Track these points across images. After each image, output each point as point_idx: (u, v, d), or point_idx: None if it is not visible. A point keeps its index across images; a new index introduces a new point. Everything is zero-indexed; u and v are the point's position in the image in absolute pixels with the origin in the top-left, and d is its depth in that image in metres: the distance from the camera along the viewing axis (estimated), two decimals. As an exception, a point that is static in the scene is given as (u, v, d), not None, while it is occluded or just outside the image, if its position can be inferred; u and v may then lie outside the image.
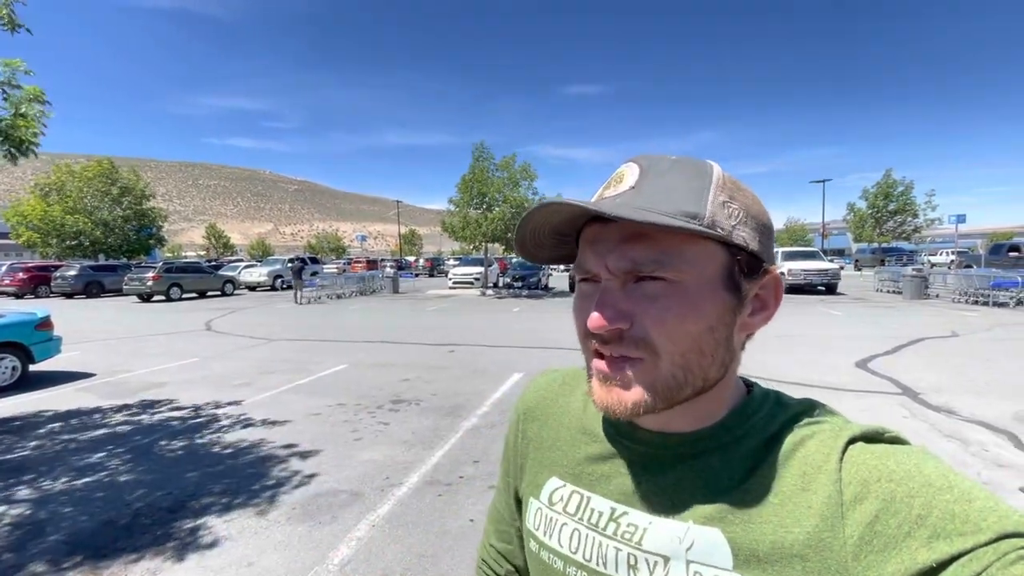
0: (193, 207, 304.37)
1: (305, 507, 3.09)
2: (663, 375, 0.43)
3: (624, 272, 0.43)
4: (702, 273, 0.43)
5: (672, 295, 0.42)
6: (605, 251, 0.44)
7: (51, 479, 3.54)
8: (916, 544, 0.35)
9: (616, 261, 0.43)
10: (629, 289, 0.43)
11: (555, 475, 0.55)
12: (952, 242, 39.66)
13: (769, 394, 0.50)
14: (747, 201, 0.45)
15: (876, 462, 0.40)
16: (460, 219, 19.67)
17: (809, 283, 16.76)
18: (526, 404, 0.65)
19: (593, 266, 0.45)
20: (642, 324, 0.42)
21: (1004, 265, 16.56)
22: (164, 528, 2.87)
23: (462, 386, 5.91)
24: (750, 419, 0.47)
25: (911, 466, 0.39)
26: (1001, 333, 8.81)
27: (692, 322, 0.42)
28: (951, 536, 0.34)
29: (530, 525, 0.56)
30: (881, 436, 0.43)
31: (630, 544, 0.46)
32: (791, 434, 0.44)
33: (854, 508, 0.38)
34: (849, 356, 7.03)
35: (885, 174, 32.54)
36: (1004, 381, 5.59)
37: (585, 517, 0.50)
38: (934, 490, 0.37)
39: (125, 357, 8.02)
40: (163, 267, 19.80)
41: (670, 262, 0.42)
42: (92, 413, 5.09)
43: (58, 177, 28.01)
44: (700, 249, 0.43)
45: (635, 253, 0.42)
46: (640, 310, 0.43)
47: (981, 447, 3.79)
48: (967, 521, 0.35)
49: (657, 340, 0.42)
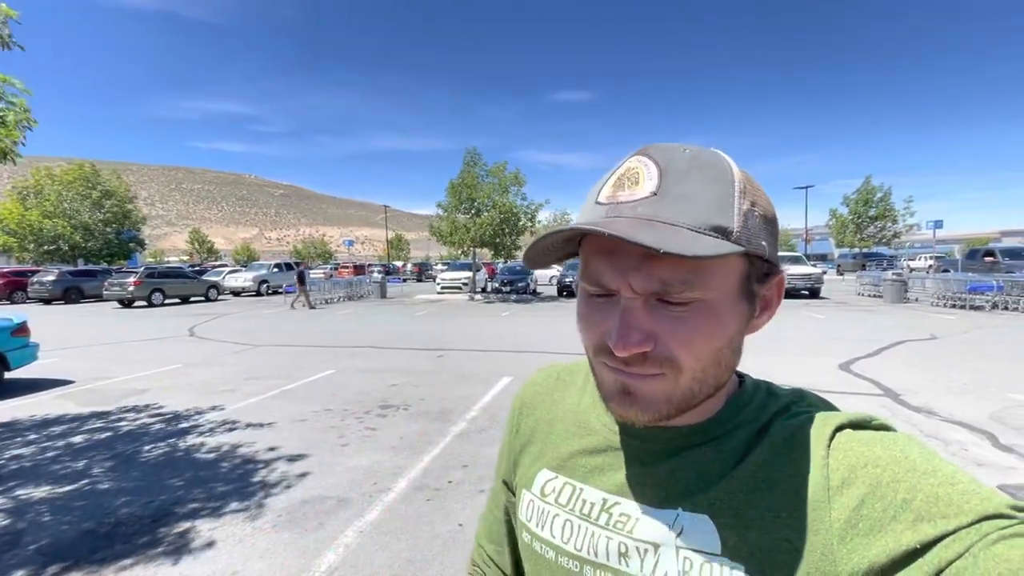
0: (176, 211, 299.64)
1: (291, 514, 3.05)
2: (682, 389, 0.42)
3: (651, 293, 0.41)
4: (724, 286, 0.41)
5: (699, 315, 0.41)
6: (627, 267, 0.40)
7: (29, 488, 3.44)
8: (901, 527, 0.36)
9: (643, 282, 0.40)
10: (652, 306, 0.41)
11: (547, 467, 0.56)
12: (930, 247, 40.57)
13: (760, 385, 0.51)
14: (763, 203, 0.43)
15: (863, 448, 0.41)
16: (449, 224, 19.65)
17: (793, 287, 17.03)
18: (522, 399, 0.65)
19: (612, 283, 0.42)
20: (667, 344, 0.41)
21: (980, 270, 16.97)
22: (146, 537, 2.80)
23: (451, 391, 5.88)
24: (742, 411, 0.47)
25: (897, 452, 0.40)
26: (978, 336, 9.03)
27: (718, 339, 0.42)
28: (935, 518, 0.35)
29: (523, 517, 0.56)
30: (868, 423, 0.43)
31: (621, 533, 0.47)
32: (781, 423, 0.45)
33: (841, 493, 0.39)
34: (833, 358, 7.16)
35: (865, 180, 33.23)
36: (981, 382, 5.72)
37: (577, 508, 0.51)
38: (919, 474, 0.37)
39: (105, 364, 7.84)
40: (145, 272, 19.43)
41: (699, 281, 0.40)
42: (71, 420, 4.97)
43: (37, 180, 27.42)
44: (725, 263, 0.41)
45: (663, 273, 0.39)
46: (665, 331, 0.41)
47: (961, 446, 3.87)
48: (950, 504, 0.35)
49: (683, 359, 0.41)
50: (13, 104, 4.12)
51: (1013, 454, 3.71)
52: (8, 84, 4.06)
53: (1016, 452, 3.74)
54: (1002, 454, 3.72)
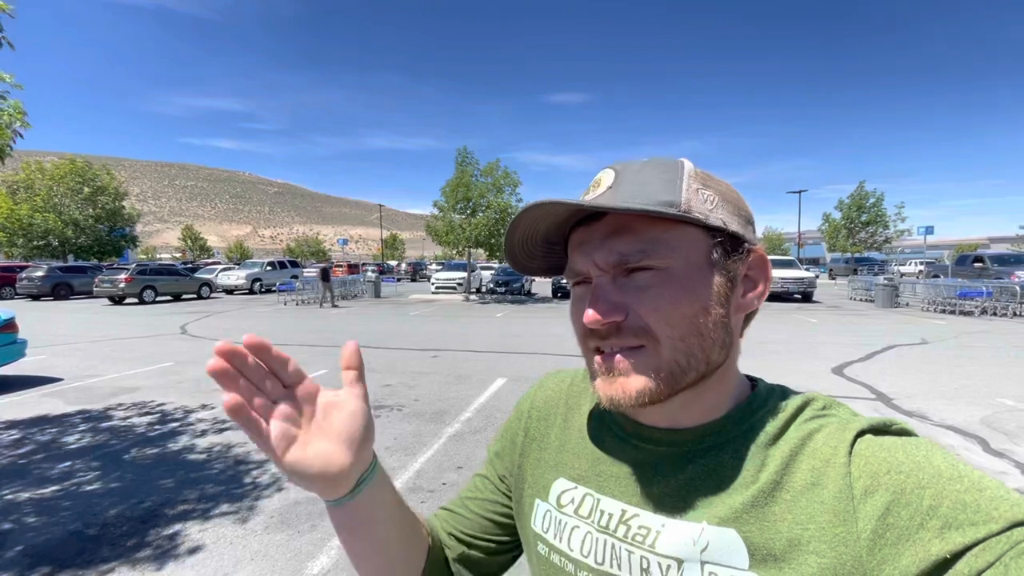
0: (169, 208, 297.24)
1: (283, 515, 3.02)
2: (665, 360, 0.43)
3: (612, 266, 0.45)
4: (688, 258, 0.44)
5: (663, 282, 0.44)
6: (591, 249, 0.46)
7: (14, 488, 3.38)
8: (929, 535, 0.35)
9: (604, 256, 0.45)
10: (620, 282, 0.45)
11: (563, 476, 0.55)
12: (921, 253, 41.01)
13: (775, 388, 0.50)
14: (721, 188, 0.47)
15: (885, 454, 0.40)
16: (444, 224, 19.64)
17: (786, 291, 17.13)
18: (533, 403, 0.64)
19: (582, 266, 0.47)
20: (638, 313, 0.44)
21: (969, 276, 17.15)
22: (135, 538, 2.76)
23: (445, 392, 5.85)
24: (756, 412, 0.47)
25: (920, 457, 0.39)
26: (968, 341, 9.11)
27: (687, 304, 0.43)
28: (963, 526, 0.34)
29: (538, 528, 0.55)
30: (889, 428, 0.43)
31: (643, 547, 0.46)
32: (799, 428, 0.45)
33: (865, 501, 0.38)
34: (825, 362, 7.20)
35: (858, 186, 33.53)
36: (972, 387, 5.77)
37: (596, 519, 0.50)
38: (944, 480, 0.37)
39: (95, 361, 7.75)
40: (136, 269, 19.25)
41: (655, 250, 0.43)
42: (59, 419, 4.90)
43: (27, 175, 27.09)
44: (681, 234, 0.44)
45: (620, 246, 0.44)
46: (634, 300, 0.44)
47: (952, 451, 3.89)
48: (979, 510, 0.34)
49: (655, 326, 0.43)
50: (4, 99, 4.06)
51: (1004, 459, 3.74)
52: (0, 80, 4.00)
53: (1008, 457, 3.77)
54: (993, 459, 3.75)
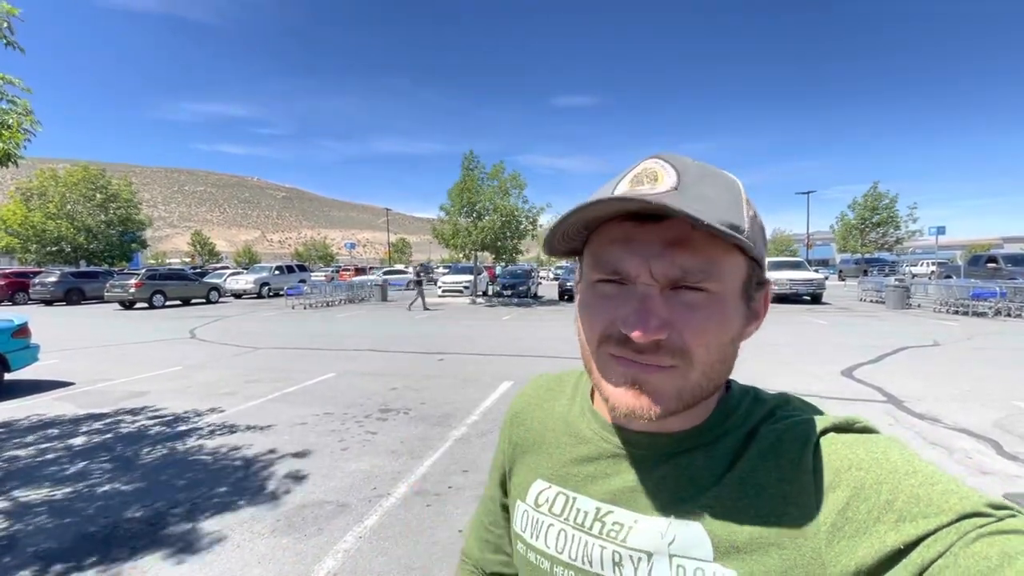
0: (179, 214, 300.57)
1: (290, 519, 3.03)
2: (692, 383, 0.43)
3: (670, 279, 0.42)
4: (733, 284, 0.44)
5: (712, 306, 0.42)
6: (649, 254, 0.42)
7: (28, 490, 3.43)
8: (884, 528, 0.37)
9: (665, 268, 0.41)
10: (667, 296, 0.42)
11: (540, 477, 0.57)
12: (932, 253, 40.49)
13: (748, 391, 0.51)
14: (759, 215, 0.47)
15: (846, 451, 0.42)
16: (451, 227, 19.71)
17: (795, 292, 16.98)
18: (514, 409, 0.66)
19: (632, 268, 0.42)
20: (681, 334, 0.42)
21: (982, 276, 16.93)
22: (145, 540, 2.79)
23: (451, 395, 5.86)
24: (730, 417, 0.48)
25: (879, 454, 0.41)
26: (981, 342, 8.98)
27: (725, 332, 0.44)
28: (916, 518, 0.36)
29: (517, 528, 0.57)
30: (852, 426, 0.44)
31: (615, 542, 0.47)
32: (768, 428, 0.46)
33: (826, 496, 0.40)
34: (834, 365, 7.12)
35: (872, 186, 33.16)
36: (985, 389, 5.69)
37: (571, 517, 0.51)
38: (900, 476, 0.38)
39: (106, 365, 7.84)
40: (146, 274, 19.44)
41: (714, 272, 0.42)
42: (71, 422, 4.96)
43: (41, 182, 27.52)
44: (733, 261, 0.43)
45: (684, 260, 0.41)
46: (680, 319, 0.42)
47: (965, 454, 3.84)
48: (931, 504, 0.36)
49: (695, 350, 0.42)
50: (15, 104, 4.12)
51: (1018, 462, 3.68)
52: (8, 83, 4.06)
53: (1021, 460, 3.71)
54: (1007, 462, 3.69)
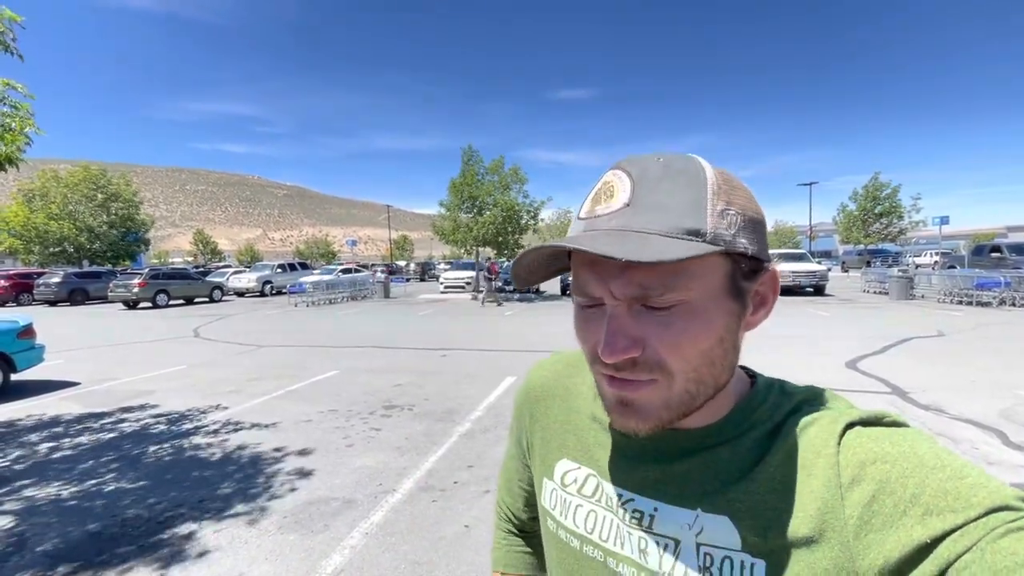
0: (180, 213, 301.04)
1: (296, 515, 3.04)
2: (676, 392, 0.43)
3: (630, 298, 0.42)
4: (708, 286, 0.42)
5: (684, 317, 0.41)
6: (607, 276, 0.42)
7: (34, 489, 3.45)
8: (911, 522, 0.36)
9: (623, 288, 0.41)
10: (636, 312, 0.42)
11: (567, 456, 0.57)
12: (936, 243, 40.29)
13: (773, 384, 0.50)
14: (742, 202, 0.43)
15: (872, 445, 0.41)
16: (451, 223, 19.66)
17: (798, 284, 16.93)
18: (532, 385, 0.66)
19: (596, 291, 0.43)
20: (655, 349, 0.42)
21: (986, 265, 16.84)
22: (152, 538, 2.80)
23: (455, 391, 5.87)
24: (756, 411, 0.47)
25: (905, 447, 0.40)
26: (985, 332, 8.95)
27: (704, 339, 0.42)
28: (943, 512, 0.35)
29: (546, 504, 0.58)
30: (880, 420, 0.43)
31: (640, 528, 0.48)
32: (795, 423, 0.45)
33: (852, 490, 0.40)
34: (838, 356, 7.11)
35: (873, 177, 32.94)
36: (990, 379, 5.67)
37: (601, 500, 0.52)
38: (927, 469, 0.38)
39: (111, 365, 7.88)
40: (149, 273, 19.49)
41: (679, 283, 0.40)
42: (77, 422, 4.98)
43: (43, 183, 27.57)
44: (704, 263, 0.41)
45: (641, 279, 0.40)
46: (652, 335, 0.41)
47: (971, 444, 3.84)
48: (958, 498, 0.36)
49: (672, 362, 0.42)
50: (17, 109, 4.12)
51: (1023, 452, 3.67)
52: (10, 88, 4.06)
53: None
54: (1012, 452, 3.68)
